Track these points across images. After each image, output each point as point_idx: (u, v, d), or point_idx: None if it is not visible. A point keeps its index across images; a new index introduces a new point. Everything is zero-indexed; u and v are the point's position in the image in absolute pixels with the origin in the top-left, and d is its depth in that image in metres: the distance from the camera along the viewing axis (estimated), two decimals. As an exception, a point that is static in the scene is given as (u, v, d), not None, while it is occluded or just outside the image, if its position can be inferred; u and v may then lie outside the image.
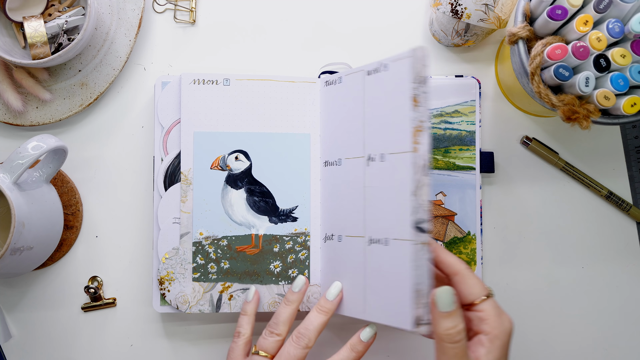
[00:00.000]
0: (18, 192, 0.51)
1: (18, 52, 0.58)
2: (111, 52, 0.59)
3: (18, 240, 0.49)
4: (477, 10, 0.54)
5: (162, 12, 0.61)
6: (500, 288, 0.60)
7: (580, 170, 0.60)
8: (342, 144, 0.55)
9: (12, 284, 0.59)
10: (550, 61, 0.48)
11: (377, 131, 0.51)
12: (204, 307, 0.56)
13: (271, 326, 0.53)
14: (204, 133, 0.57)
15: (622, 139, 0.61)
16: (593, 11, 0.47)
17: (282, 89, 0.57)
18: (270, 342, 0.52)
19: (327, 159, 0.57)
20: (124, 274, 0.59)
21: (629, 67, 0.47)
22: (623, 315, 0.60)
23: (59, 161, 0.55)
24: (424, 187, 0.48)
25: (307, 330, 0.52)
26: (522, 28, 0.49)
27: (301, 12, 0.61)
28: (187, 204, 0.56)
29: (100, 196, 0.60)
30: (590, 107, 0.48)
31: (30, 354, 0.59)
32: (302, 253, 0.57)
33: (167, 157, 0.57)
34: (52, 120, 0.59)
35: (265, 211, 0.57)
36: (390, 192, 0.50)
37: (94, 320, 0.59)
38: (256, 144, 0.57)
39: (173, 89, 0.57)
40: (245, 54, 0.61)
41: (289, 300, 0.54)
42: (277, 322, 0.53)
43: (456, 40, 0.58)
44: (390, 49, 0.61)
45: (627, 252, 0.60)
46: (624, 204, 0.60)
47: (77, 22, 0.58)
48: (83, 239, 0.60)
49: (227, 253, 0.57)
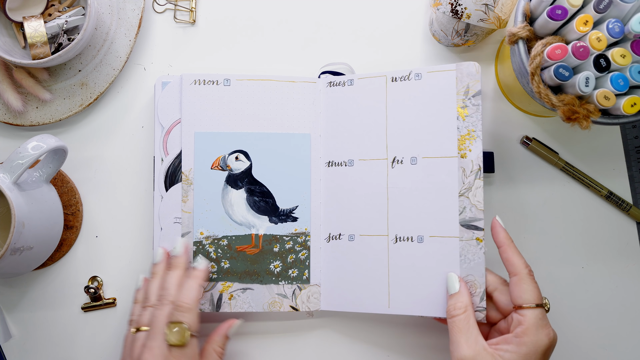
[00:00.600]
0: (18, 192, 0.51)
1: (18, 52, 0.58)
2: (111, 52, 0.59)
3: (18, 240, 0.49)
4: (477, 11, 0.54)
5: (162, 12, 0.61)
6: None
7: (580, 170, 0.60)
8: (353, 145, 0.56)
9: (12, 284, 0.59)
10: (550, 61, 0.48)
11: (406, 135, 0.55)
12: (205, 306, 0.56)
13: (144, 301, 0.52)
14: (204, 133, 0.57)
15: (622, 139, 0.61)
16: (593, 11, 0.47)
17: (282, 89, 0.57)
18: (144, 315, 0.51)
19: (331, 159, 0.57)
20: (124, 274, 0.59)
21: (629, 67, 0.47)
22: (623, 315, 0.60)
23: (59, 161, 0.55)
24: (478, 189, 0.53)
25: (164, 289, 0.51)
26: (522, 28, 0.49)
27: (301, 12, 0.61)
28: (188, 203, 0.57)
29: (100, 196, 0.60)
30: (590, 107, 0.48)
31: (30, 354, 0.59)
32: (302, 253, 0.57)
33: (168, 158, 0.57)
34: (52, 120, 0.59)
35: (266, 211, 0.57)
36: (427, 193, 0.54)
37: (94, 320, 0.59)
38: (256, 144, 0.57)
39: (173, 89, 0.57)
40: (245, 54, 0.61)
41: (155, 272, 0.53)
42: (147, 296, 0.52)
43: (456, 40, 0.58)
44: (390, 49, 0.61)
45: (627, 252, 0.60)
46: (624, 204, 0.60)
47: (77, 22, 0.58)
48: (83, 239, 0.60)
49: (228, 253, 0.57)
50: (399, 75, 0.55)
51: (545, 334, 0.48)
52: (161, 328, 0.49)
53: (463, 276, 0.53)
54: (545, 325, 0.48)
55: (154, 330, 0.49)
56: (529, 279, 0.50)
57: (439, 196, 0.54)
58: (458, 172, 0.54)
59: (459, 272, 0.53)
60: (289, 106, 0.57)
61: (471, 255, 0.53)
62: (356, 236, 0.56)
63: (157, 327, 0.49)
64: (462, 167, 0.54)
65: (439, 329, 0.59)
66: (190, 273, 0.53)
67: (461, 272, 0.53)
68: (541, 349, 0.47)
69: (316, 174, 0.58)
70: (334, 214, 0.57)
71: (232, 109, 0.57)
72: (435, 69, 0.54)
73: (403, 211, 0.55)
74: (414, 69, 0.55)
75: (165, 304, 0.50)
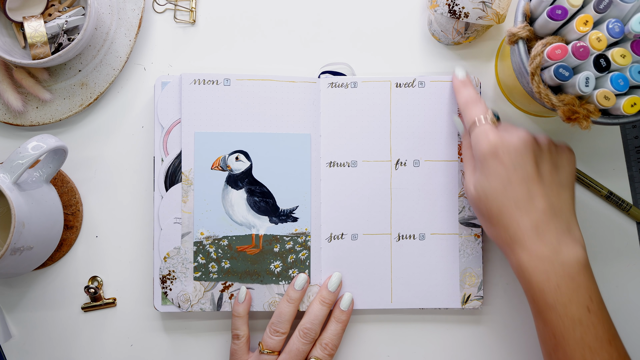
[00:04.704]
0: (18, 192, 0.51)
1: (18, 52, 0.58)
2: (111, 52, 0.59)
3: (18, 240, 0.49)
4: (475, 9, 0.54)
5: (162, 12, 0.61)
6: (500, 288, 0.60)
7: (580, 170, 0.60)
8: (357, 147, 0.58)
9: (12, 284, 0.59)
10: (550, 61, 0.48)
11: (409, 139, 0.58)
12: (205, 305, 0.56)
13: (275, 324, 0.55)
14: (204, 133, 0.57)
15: (622, 139, 0.61)
16: (593, 11, 0.47)
17: (282, 89, 0.57)
18: (276, 341, 0.55)
19: (332, 160, 0.57)
20: (124, 274, 0.59)
21: (629, 67, 0.47)
22: (623, 315, 0.60)
23: (59, 161, 0.55)
24: None
25: (313, 324, 0.55)
26: (522, 28, 0.49)
27: (301, 12, 0.61)
28: (188, 204, 0.57)
29: (100, 196, 0.60)
30: (590, 107, 0.48)
31: (30, 354, 0.59)
32: (302, 253, 0.57)
33: (168, 158, 0.57)
34: (52, 120, 0.59)
35: (266, 211, 0.57)
36: (429, 194, 0.58)
37: (94, 320, 0.59)
38: (256, 144, 0.57)
39: (173, 89, 0.57)
40: (245, 53, 0.61)
41: (291, 298, 0.55)
42: (281, 320, 0.55)
43: (457, 38, 0.58)
44: (390, 49, 0.61)
45: (627, 252, 0.60)
46: (624, 204, 0.60)
47: (77, 22, 0.58)
48: (83, 239, 0.60)
49: (228, 253, 0.57)
50: (403, 82, 0.58)
51: (484, 141, 0.50)
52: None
53: (462, 269, 0.57)
54: (485, 133, 0.50)
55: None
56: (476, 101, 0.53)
57: (440, 197, 0.58)
58: (458, 174, 0.58)
59: (458, 265, 0.57)
60: (289, 106, 0.57)
61: (470, 250, 0.58)
62: (359, 235, 0.57)
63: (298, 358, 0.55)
64: (462, 170, 0.57)
65: (439, 329, 0.59)
66: (337, 315, 0.56)
67: (460, 265, 0.57)
68: (480, 153, 0.50)
69: (316, 174, 0.58)
70: (335, 213, 0.57)
71: (232, 109, 0.57)
72: (437, 79, 0.58)
73: (406, 211, 0.58)
74: (417, 77, 0.58)
75: (309, 342, 0.55)
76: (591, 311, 0.47)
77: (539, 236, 0.48)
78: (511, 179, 0.48)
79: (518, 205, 0.48)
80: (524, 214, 0.48)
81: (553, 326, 0.48)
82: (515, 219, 0.48)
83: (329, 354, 0.55)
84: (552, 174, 0.50)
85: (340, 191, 0.58)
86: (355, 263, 0.57)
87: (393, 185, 0.58)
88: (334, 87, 0.58)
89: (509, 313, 0.60)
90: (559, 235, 0.48)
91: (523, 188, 0.48)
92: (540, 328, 0.49)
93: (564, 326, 0.47)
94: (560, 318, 0.47)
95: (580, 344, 0.47)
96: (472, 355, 0.59)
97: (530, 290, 0.49)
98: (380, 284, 0.57)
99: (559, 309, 0.47)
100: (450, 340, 0.59)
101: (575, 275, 0.47)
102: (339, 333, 0.56)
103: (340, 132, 0.58)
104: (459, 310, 0.59)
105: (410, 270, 0.57)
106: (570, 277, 0.47)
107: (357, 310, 0.59)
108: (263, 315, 0.59)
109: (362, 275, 0.57)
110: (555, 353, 0.48)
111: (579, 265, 0.48)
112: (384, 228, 0.58)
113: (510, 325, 0.60)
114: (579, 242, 0.49)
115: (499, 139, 0.49)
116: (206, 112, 0.57)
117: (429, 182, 0.58)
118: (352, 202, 0.58)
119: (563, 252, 0.48)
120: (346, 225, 0.57)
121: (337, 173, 0.58)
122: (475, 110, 0.52)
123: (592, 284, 0.48)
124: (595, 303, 0.48)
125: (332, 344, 0.55)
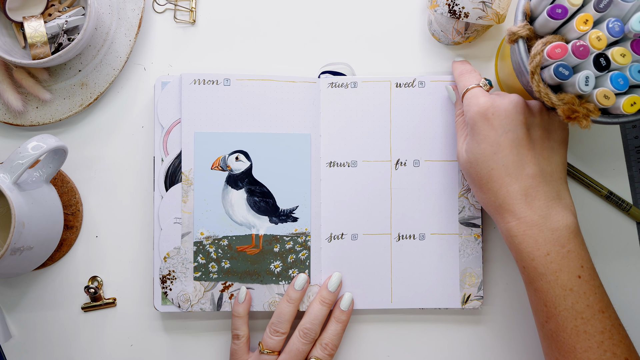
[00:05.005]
0: (18, 192, 0.51)
1: (18, 52, 0.58)
2: (111, 52, 0.59)
3: (18, 240, 0.49)
4: (475, 9, 0.55)
5: (162, 12, 0.61)
6: (500, 288, 0.60)
7: (580, 170, 0.60)
8: (357, 147, 0.58)
9: (12, 284, 0.59)
10: (550, 60, 0.48)
11: (409, 139, 0.58)
12: (205, 305, 0.56)
13: (275, 324, 0.55)
14: (204, 133, 0.57)
15: (622, 138, 0.61)
16: (593, 10, 0.47)
17: (282, 89, 0.57)
18: (276, 341, 0.54)
19: (332, 160, 0.57)
20: (124, 274, 0.59)
21: (628, 66, 0.47)
22: (623, 315, 0.60)
23: (59, 161, 0.55)
24: None
25: (313, 324, 0.55)
26: (522, 27, 0.49)
27: (301, 12, 0.61)
28: (188, 204, 0.57)
29: (100, 196, 0.60)
30: (590, 106, 0.48)
31: (30, 354, 0.59)
32: (302, 253, 0.57)
33: (168, 158, 0.57)
34: (52, 120, 0.59)
35: (266, 211, 0.57)
36: (429, 194, 0.58)
37: (94, 320, 0.59)
38: (256, 144, 0.57)
39: (173, 89, 0.57)
40: (245, 53, 0.61)
41: (292, 298, 0.55)
42: (281, 320, 0.55)
43: (457, 38, 0.58)
44: (390, 49, 0.61)
45: (627, 252, 0.60)
46: (624, 204, 0.60)
47: (77, 22, 0.58)
48: (83, 239, 0.60)
49: (228, 253, 0.57)
50: (403, 82, 0.58)
51: (475, 104, 0.50)
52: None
53: (462, 269, 0.57)
54: (477, 96, 0.50)
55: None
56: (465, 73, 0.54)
57: (440, 197, 0.58)
58: (458, 174, 0.57)
59: (458, 265, 0.57)
60: (289, 106, 0.57)
61: (470, 250, 0.58)
62: (359, 235, 0.57)
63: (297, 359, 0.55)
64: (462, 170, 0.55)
65: (439, 329, 0.59)
66: (337, 315, 0.56)
67: (460, 265, 0.57)
68: (470, 116, 0.50)
69: (316, 174, 0.58)
70: (335, 213, 0.57)
71: (232, 109, 0.57)
72: (438, 79, 0.58)
73: (406, 211, 0.58)
74: (417, 77, 0.58)
75: (309, 342, 0.55)
76: (582, 279, 0.46)
77: (528, 202, 0.47)
78: (501, 143, 0.48)
79: (508, 170, 0.48)
80: (513, 180, 0.48)
81: (544, 295, 0.47)
82: (505, 185, 0.48)
83: (329, 354, 0.55)
84: (543, 138, 0.49)
85: (340, 191, 0.58)
86: (355, 263, 0.57)
87: (393, 185, 0.58)
88: (334, 87, 0.58)
89: (509, 313, 0.60)
90: (548, 201, 0.48)
91: (513, 153, 0.48)
92: (531, 297, 0.49)
93: (555, 294, 0.46)
94: (551, 286, 0.46)
95: (571, 312, 0.46)
96: (472, 355, 0.59)
97: (520, 258, 0.48)
98: (380, 284, 0.57)
99: (549, 277, 0.46)
100: (450, 340, 0.59)
101: (565, 242, 0.47)
102: (339, 333, 0.56)
103: (340, 132, 0.58)
104: (459, 310, 0.59)
105: (410, 270, 0.57)
106: (560, 244, 0.47)
107: (357, 310, 0.59)
108: (263, 315, 0.59)
109: (362, 275, 0.57)
110: (547, 324, 0.48)
111: (569, 232, 0.47)
112: (384, 228, 0.57)
113: (510, 325, 0.60)
114: (568, 209, 0.48)
115: (489, 102, 0.49)
116: (206, 112, 0.57)
117: (429, 182, 0.58)
118: (352, 202, 0.57)
119: (552, 218, 0.47)
120: (346, 225, 0.57)
121: (337, 173, 0.58)
122: (469, 77, 0.53)
123: (583, 251, 0.47)
124: (586, 271, 0.47)
125: (332, 344, 0.55)
